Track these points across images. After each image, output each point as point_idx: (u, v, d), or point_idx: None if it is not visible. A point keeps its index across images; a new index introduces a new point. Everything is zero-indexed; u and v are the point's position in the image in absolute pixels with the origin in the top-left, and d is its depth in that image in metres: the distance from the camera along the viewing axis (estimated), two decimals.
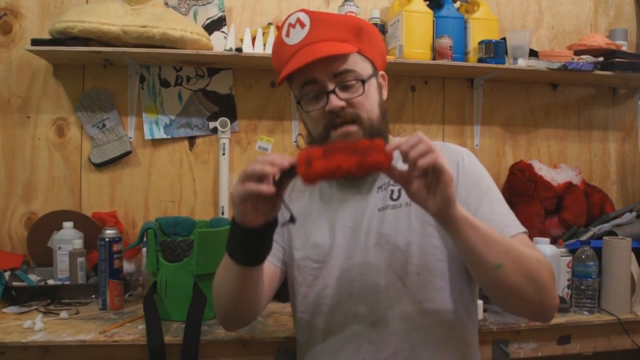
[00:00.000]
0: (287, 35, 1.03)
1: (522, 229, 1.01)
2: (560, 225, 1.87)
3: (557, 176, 1.94)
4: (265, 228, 0.89)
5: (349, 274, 1.03)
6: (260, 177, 0.84)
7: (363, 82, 1.01)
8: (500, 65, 1.86)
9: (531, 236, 1.56)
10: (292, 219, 0.91)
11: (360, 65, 1.02)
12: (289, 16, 1.05)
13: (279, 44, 1.06)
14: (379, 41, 1.10)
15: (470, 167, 1.06)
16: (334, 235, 1.06)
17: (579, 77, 2.00)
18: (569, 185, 1.92)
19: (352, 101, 1.00)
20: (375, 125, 1.02)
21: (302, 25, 1.01)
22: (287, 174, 0.85)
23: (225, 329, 1.15)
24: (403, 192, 1.02)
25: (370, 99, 1.02)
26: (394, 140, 1.13)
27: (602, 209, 1.93)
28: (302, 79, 1.02)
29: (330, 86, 0.99)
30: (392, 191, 1.05)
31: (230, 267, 0.95)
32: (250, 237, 0.90)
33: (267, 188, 0.83)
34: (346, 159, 0.82)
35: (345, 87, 1.00)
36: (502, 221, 0.99)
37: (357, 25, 1.04)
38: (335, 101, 0.99)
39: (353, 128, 1.00)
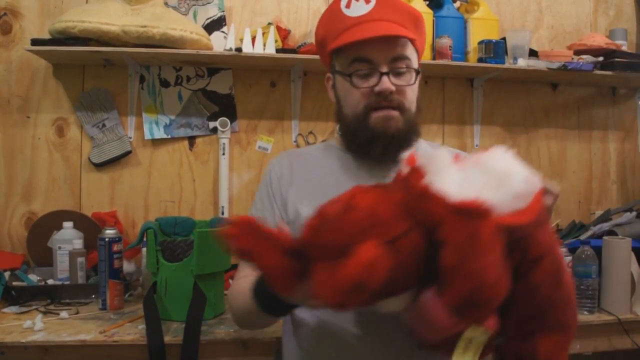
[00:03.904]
0: (348, 6, 1.01)
1: None
2: None
3: None
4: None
5: None
6: None
7: (417, 72, 1.02)
8: (500, 65, 1.86)
9: None
10: None
11: (413, 55, 1.03)
12: None
13: (335, 12, 1.04)
14: (424, 37, 1.10)
15: None
16: None
17: (579, 77, 2.00)
18: None
19: (401, 88, 0.99)
20: (413, 118, 1.02)
21: (367, 0, 1.00)
22: None
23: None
24: None
25: (414, 92, 1.03)
26: (422, 144, 1.11)
27: None
28: (356, 53, 0.99)
29: (384, 68, 0.98)
30: None
31: (257, 312, 0.90)
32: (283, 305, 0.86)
33: None
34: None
35: (397, 73, 1.00)
36: None
37: (417, 16, 1.05)
38: (387, 83, 0.97)
39: (395, 113, 0.99)
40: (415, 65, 1.02)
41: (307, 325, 1.01)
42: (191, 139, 1.94)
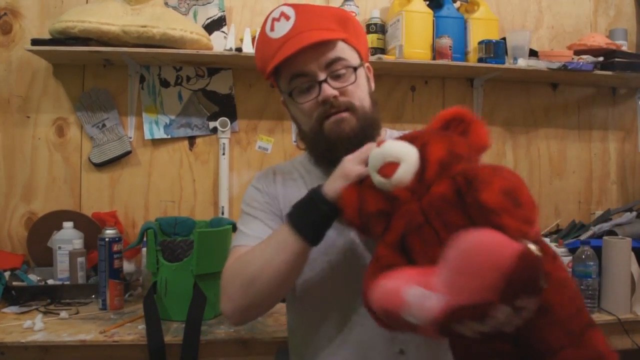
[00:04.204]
0: (272, 29, 1.00)
1: None
2: None
3: None
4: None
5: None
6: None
7: (355, 69, 1.00)
8: (500, 65, 1.86)
9: None
10: None
11: (348, 53, 1.01)
12: (272, 11, 1.02)
13: (262, 39, 1.03)
14: (363, 33, 1.09)
15: None
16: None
17: (579, 77, 2.00)
18: None
19: (345, 89, 0.98)
20: (368, 114, 1.01)
21: (287, 17, 0.99)
22: None
23: (240, 320, 1.02)
24: None
25: (362, 88, 1.01)
26: (385, 132, 1.11)
27: None
28: (291, 71, 0.99)
29: (322, 76, 0.97)
30: None
31: (289, 244, 0.90)
32: (332, 215, 0.87)
33: None
34: None
35: (336, 77, 0.98)
36: None
37: (342, 16, 1.03)
38: (329, 90, 0.96)
39: (345, 115, 0.98)
40: (354, 62, 1.01)
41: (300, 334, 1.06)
42: (191, 139, 1.94)
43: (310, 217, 0.89)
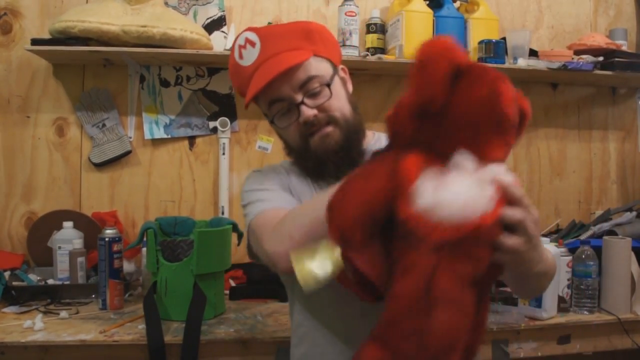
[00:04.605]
0: (241, 57, 1.02)
1: None
2: None
3: None
4: None
5: None
6: None
7: (328, 85, 1.00)
8: (500, 65, 1.86)
9: None
10: None
11: (320, 67, 1.01)
12: (237, 38, 1.04)
13: (234, 67, 1.05)
14: (331, 38, 1.09)
15: None
16: None
17: (579, 77, 2.00)
18: None
19: (323, 106, 0.99)
20: (350, 121, 1.02)
21: (252, 44, 1.01)
22: None
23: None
24: None
25: (339, 98, 1.02)
26: (373, 135, 1.11)
27: None
28: (267, 98, 1.01)
29: (298, 98, 0.99)
30: None
31: None
32: None
33: None
34: None
35: (312, 95, 0.99)
36: None
37: (305, 29, 1.04)
38: (307, 111, 0.98)
39: (329, 129, 1.00)
40: (327, 76, 1.01)
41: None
42: (191, 139, 1.94)
43: None
